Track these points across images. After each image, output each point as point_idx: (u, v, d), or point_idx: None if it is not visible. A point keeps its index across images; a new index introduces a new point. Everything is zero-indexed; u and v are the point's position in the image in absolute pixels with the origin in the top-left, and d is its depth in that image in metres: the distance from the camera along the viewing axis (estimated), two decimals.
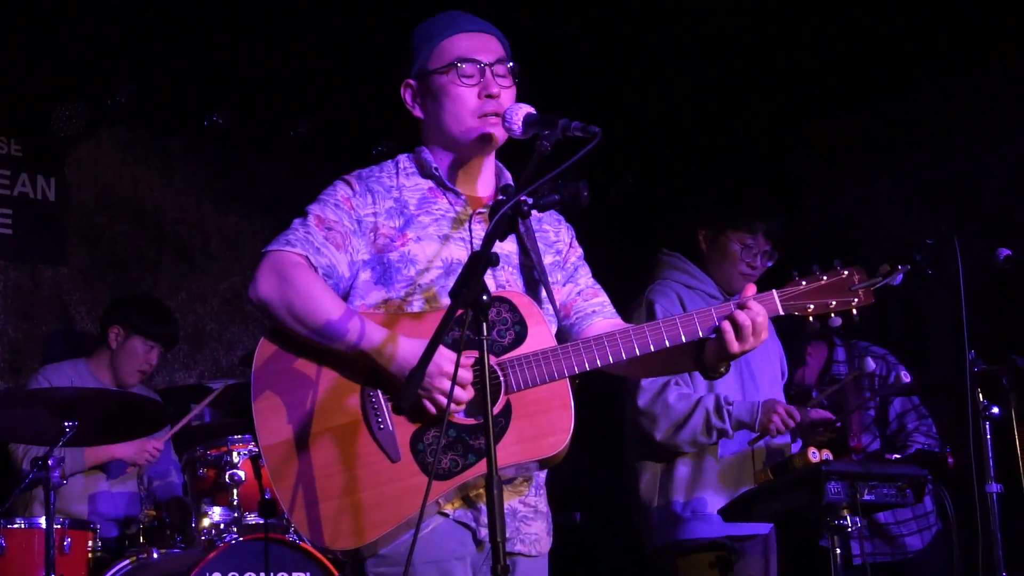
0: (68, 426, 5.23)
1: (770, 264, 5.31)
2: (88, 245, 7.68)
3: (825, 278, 3.45)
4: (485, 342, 3.00)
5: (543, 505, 3.61)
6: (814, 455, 4.77)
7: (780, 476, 4.86)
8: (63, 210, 7.59)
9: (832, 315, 3.44)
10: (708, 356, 3.47)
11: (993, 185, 7.65)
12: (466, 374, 3.29)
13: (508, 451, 3.33)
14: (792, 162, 8.51)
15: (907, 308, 6.69)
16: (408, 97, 3.63)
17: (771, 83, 7.96)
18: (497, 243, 3.17)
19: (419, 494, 3.19)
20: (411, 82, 3.61)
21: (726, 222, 5.34)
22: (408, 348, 3.29)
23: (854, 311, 3.45)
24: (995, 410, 5.02)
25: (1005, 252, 5.38)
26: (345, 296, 3.48)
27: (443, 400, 3.27)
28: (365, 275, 3.49)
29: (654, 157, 8.67)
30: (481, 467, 3.32)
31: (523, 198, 3.13)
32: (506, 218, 3.11)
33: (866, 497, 4.74)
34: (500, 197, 3.28)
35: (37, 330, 7.43)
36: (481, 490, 3.37)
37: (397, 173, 3.60)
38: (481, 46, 3.54)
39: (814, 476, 4.71)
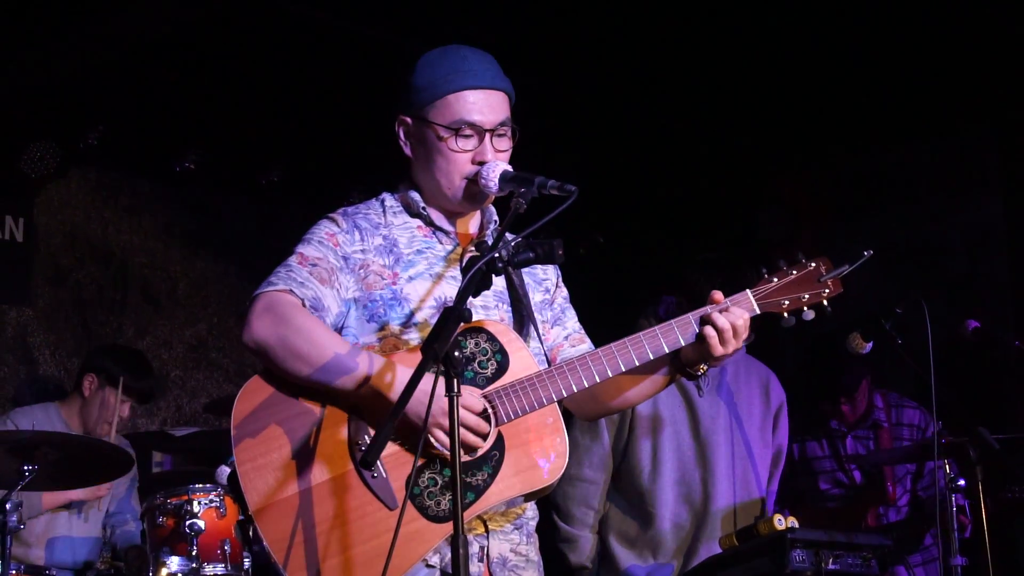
0: (27, 469, 5.16)
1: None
2: (54, 287, 7.63)
3: (794, 272, 3.44)
4: (457, 399, 2.97)
5: (534, 554, 3.57)
6: (780, 522, 4.75)
7: (745, 542, 4.84)
8: (30, 251, 7.54)
9: (805, 308, 3.42)
10: (687, 356, 3.47)
11: (959, 250, 7.69)
12: (475, 404, 3.28)
13: (507, 484, 3.31)
14: (761, 223, 8.54)
15: (872, 375, 6.68)
16: (401, 133, 3.58)
17: (741, 143, 8.01)
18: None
19: (420, 539, 3.19)
20: (407, 120, 3.55)
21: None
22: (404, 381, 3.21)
23: (825, 303, 3.44)
24: (961, 482, 5.02)
25: (973, 324, 5.40)
26: (339, 332, 3.43)
27: (445, 439, 3.23)
28: (356, 312, 3.45)
29: (624, 216, 8.69)
30: (480, 504, 3.31)
31: (497, 255, 3.12)
32: (479, 275, 3.09)
33: (831, 566, 4.71)
34: (474, 253, 3.27)
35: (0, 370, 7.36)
36: (475, 526, 3.38)
37: (384, 211, 3.57)
38: (487, 107, 3.47)
39: (779, 543, 4.68)
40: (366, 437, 3.30)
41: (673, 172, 8.36)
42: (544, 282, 3.72)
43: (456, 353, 2.98)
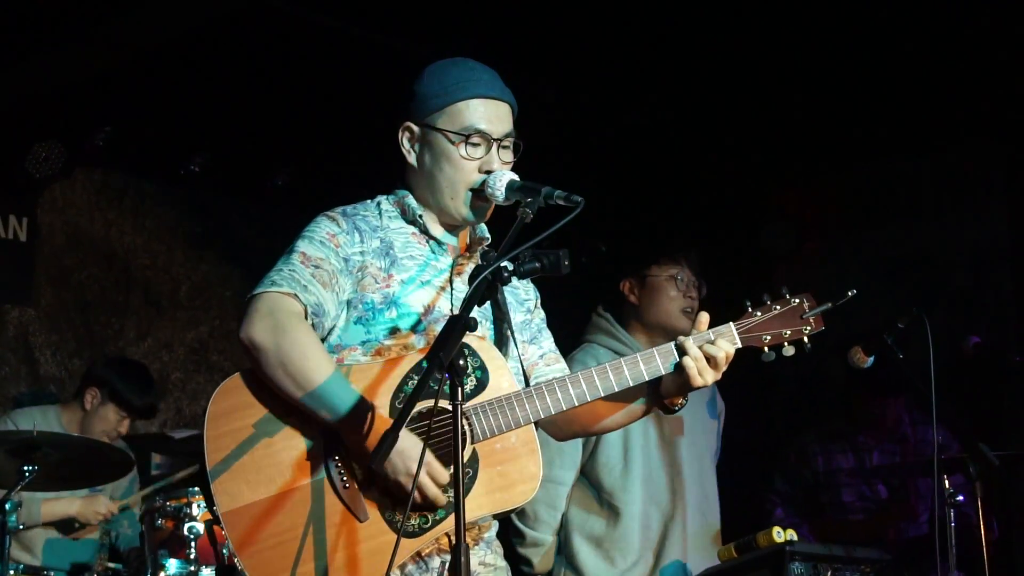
0: (27, 470, 5.16)
1: (703, 295, 5.23)
2: (56, 287, 7.63)
3: (777, 307, 3.44)
4: (459, 408, 2.95)
5: (500, 560, 3.57)
6: (779, 534, 4.75)
7: (744, 554, 4.84)
8: (33, 251, 7.54)
9: (785, 344, 3.42)
10: (667, 388, 3.46)
11: (963, 264, 7.69)
12: (438, 467, 3.26)
13: (477, 503, 3.31)
14: (765, 235, 8.54)
15: (855, 392, 6.69)
16: (405, 140, 3.57)
17: (745, 155, 8.01)
18: (466, 288, 3.19)
19: (388, 552, 3.13)
20: (412, 126, 3.55)
21: (648, 263, 5.24)
22: (382, 427, 3.20)
23: (806, 339, 3.44)
24: (960, 497, 5.02)
25: (975, 339, 5.40)
26: (328, 334, 3.43)
27: (408, 485, 3.21)
28: (346, 314, 3.43)
29: (627, 227, 8.69)
30: (449, 523, 3.28)
31: (503, 264, 3.12)
32: (485, 283, 3.09)
33: None
34: (480, 262, 3.27)
35: (0, 370, 7.35)
36: (433, 545, 3.36)
37: (380, 214, 3.56)
38: (495, 116, 3.48)
39: (777, 556, 4.69)
40: (342, 447, 3.29)
41: (677, 183, 8.36)
42: (526, 302, 3.72)
43: (461, 362, 2.96)
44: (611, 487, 5.10)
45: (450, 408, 2.96)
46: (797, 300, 3.45)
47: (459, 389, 2.96)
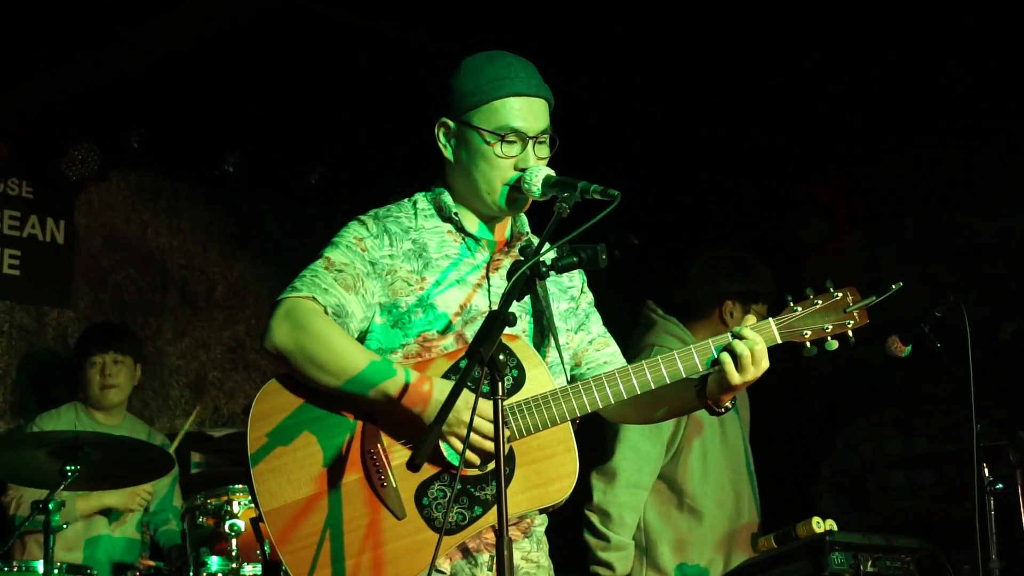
0: (70, 470, 5.21)
1: None
2: (94, 288, 7.68)
3: (819, 302, 3.43)
4: (500, 402, 2.97)
5: (544, 559, 3.59)
6: (818, 524, 4.75)
7: (783, 544, 4.84)
8: (71, 253, 7.60)
9: (828, 339, 3.41)
10: (711, 390, 3.45)
11: (997, 252, 7.66)
12: (486, 424, 3.23)
13: (514, 500, 3.32)
14: (797, 225, 8.52)
15: (906, 377, 6.67)
16: (441, 136, 3.57)
17: (777, 145, 8.00)
18: (503, 283, 3.27)
19: (427, 550, 3.18)
20: (449, 123, 3.54)
21: (750, 300, 5.29)
22: (442, 390, 3.26)
23: (850, 333, 3.43)
24: (999, 485, 5.00)
25: (1012, 326, 5.38)
26: (360, 339, 3.44)
27: (459, 445, 3.24)
28: (381, 319, 3.45)
29: (659, 218, 8.69)
30: (488, 519, 3.32)
31: (542, 259, 3.14)
32: (524, 278, 3.11)
33: (869, 569, 4.72)
34: (520, 257, 3.28)
35: (40, 372, 7.42)
36: (480, 541, 3.38)
37: (415, 214, 3.58)
38: (531, 114, 3.48)
39: (817, 546, 4.69)
40: (379, 445, 3.33)
41: (709, 175, 8.36)
42: (570, 289, 3.72)
43: (501, 357, 2.97)
44: (694, 492, 5.18)
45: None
46: (840, 294, 3.44)
47: (500, 384, 2.97)
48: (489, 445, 3.24)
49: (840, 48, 6.80)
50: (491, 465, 3.30)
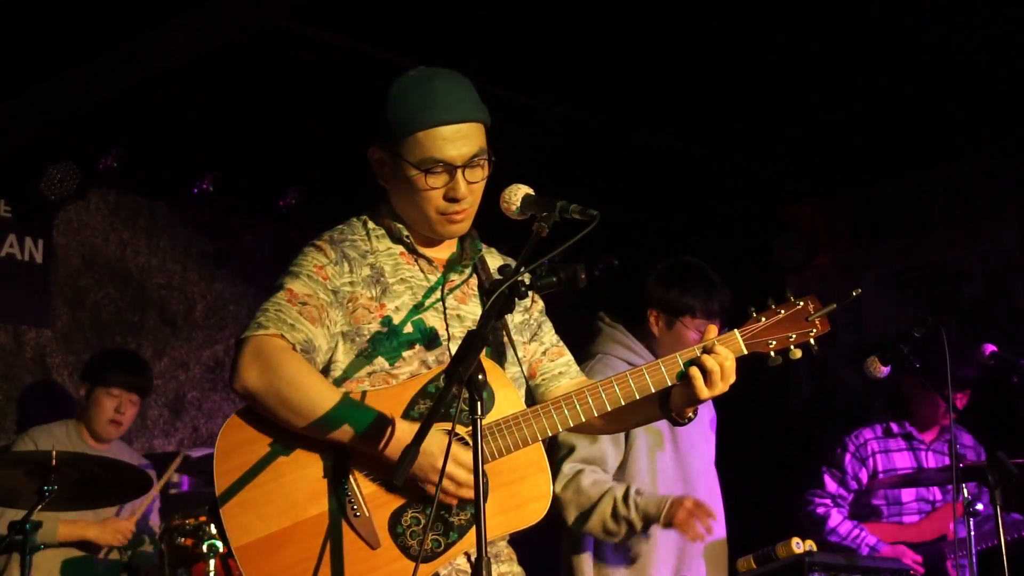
0: (47, 490, 5.17)
1: None
2: (72, 308, 7.66)
3: (782, 311, 3.42)
4: (479, 421, 2.94)
5: (515, 566, 3.55)
6: (798, 545, 4.75)
7: (763, 565, 4.84)
8: (49, 272, 7.58)
9: (792, 347, 3.41)
10: (675, 402, 3.43)
11: (976, 276, 7.70)
12: (462, 473, 3.22)
13: (490, 523, 3.20)
14: (777, 248, 8.55)
15: (890, 397, 6.70)
16: (375, 163, 3.52)
17: (758, 169, 8.04)
18: (458, 304, 3.26)
19: None
20: (380, 152, 3.48)
21: (686, 311, 5.06)
22: (406, 432, 3.19)
23: (812, 341, 3.42)
24: (979, 506, 5.01)
25: (990, 348, 5.41)
26: (324, 370, 3.40)
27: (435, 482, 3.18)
28: (345, 347, 3.40)
29: (639, 240, 8.71)
30: (464, 543, 3.29)
31: (521, 279, 3.12)
32: (503, 298, 3.09)
33: None
34: (498, 276, 3.26)
35: (18, 391, 7.39)
36: (451, 567, 3.35)
37: (368, 236, 3.54)
38: (461, 140, 3.38)
39: (796, 567, 4.69)
40: (349, 475, 3.28)
41: (690, 197, 8.39)
42: (522, 300, 3.71)
43: (480, 376, 2.96)
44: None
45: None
46: (802, 303, 3.43)
47: (479, 404, 2.95)
48: (463, 475, 3.21)
49: (821, 74, 6.84)
50: (465, 491, 3.27)
